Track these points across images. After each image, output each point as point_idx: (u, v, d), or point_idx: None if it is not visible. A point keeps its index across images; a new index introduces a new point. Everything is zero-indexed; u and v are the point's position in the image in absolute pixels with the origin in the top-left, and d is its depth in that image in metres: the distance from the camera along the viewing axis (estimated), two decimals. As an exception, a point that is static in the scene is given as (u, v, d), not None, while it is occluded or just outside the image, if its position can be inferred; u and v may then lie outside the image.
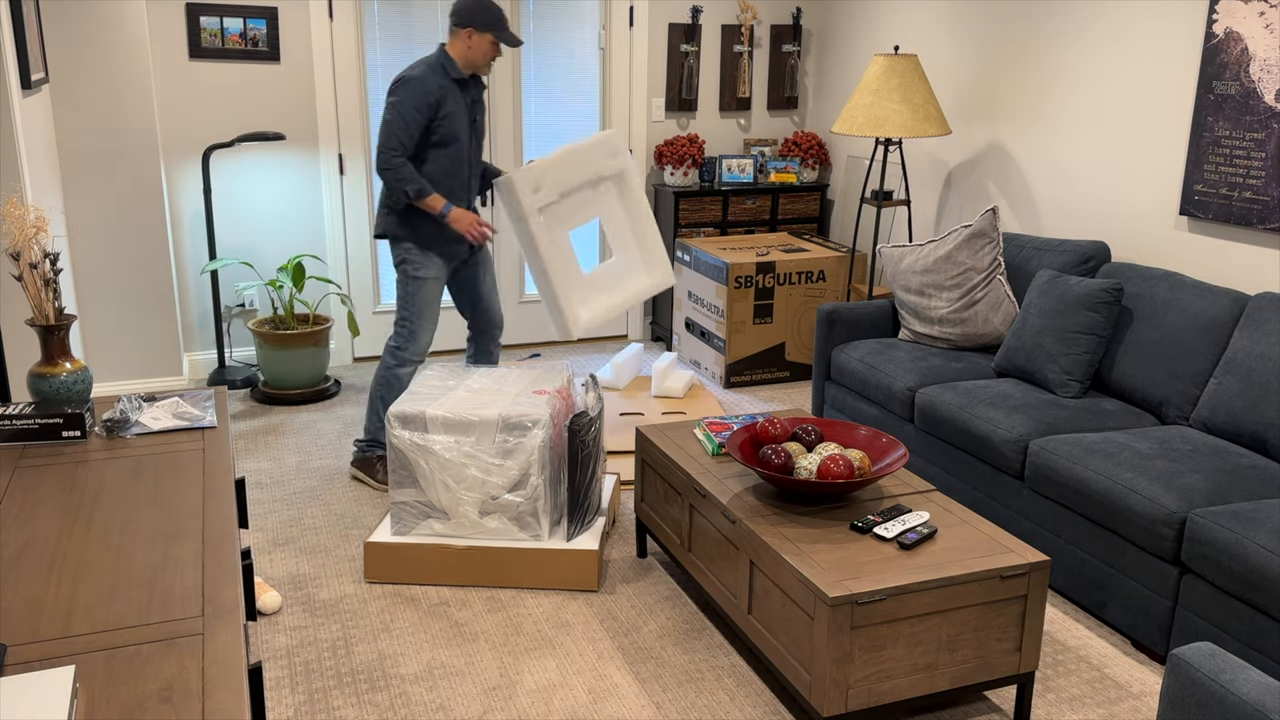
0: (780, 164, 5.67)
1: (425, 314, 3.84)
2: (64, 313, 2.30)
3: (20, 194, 3.49)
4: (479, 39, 3.69)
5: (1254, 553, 2.53)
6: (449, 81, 3.69)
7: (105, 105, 4.39)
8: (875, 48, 5.38)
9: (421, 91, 3.62)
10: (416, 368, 3.88)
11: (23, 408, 2.17)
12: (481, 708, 2.64)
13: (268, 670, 2.79)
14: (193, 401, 2.38)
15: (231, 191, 4.96)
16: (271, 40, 4.83)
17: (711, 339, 5.13)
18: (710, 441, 3.14)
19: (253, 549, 3.44)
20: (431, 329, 3.88)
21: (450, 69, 3.70)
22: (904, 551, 2.51)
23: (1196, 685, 1.69)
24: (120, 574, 1.61)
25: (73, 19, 4.27)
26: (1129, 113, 3.92)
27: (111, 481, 1.96)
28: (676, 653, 2.89)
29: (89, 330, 4.59)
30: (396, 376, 3.85)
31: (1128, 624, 2.94)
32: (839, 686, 2.36)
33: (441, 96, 3.66)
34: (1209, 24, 3.54)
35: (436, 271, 3.83)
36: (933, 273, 4.09)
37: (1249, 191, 3.45)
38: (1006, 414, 3.37)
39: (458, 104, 3.72)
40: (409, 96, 3.62)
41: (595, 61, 5.50)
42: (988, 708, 2.68)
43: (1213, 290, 3.38)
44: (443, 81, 3.67)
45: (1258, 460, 3.01)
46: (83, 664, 1.38)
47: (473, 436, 3.13)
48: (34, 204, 3.67)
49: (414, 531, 3.23)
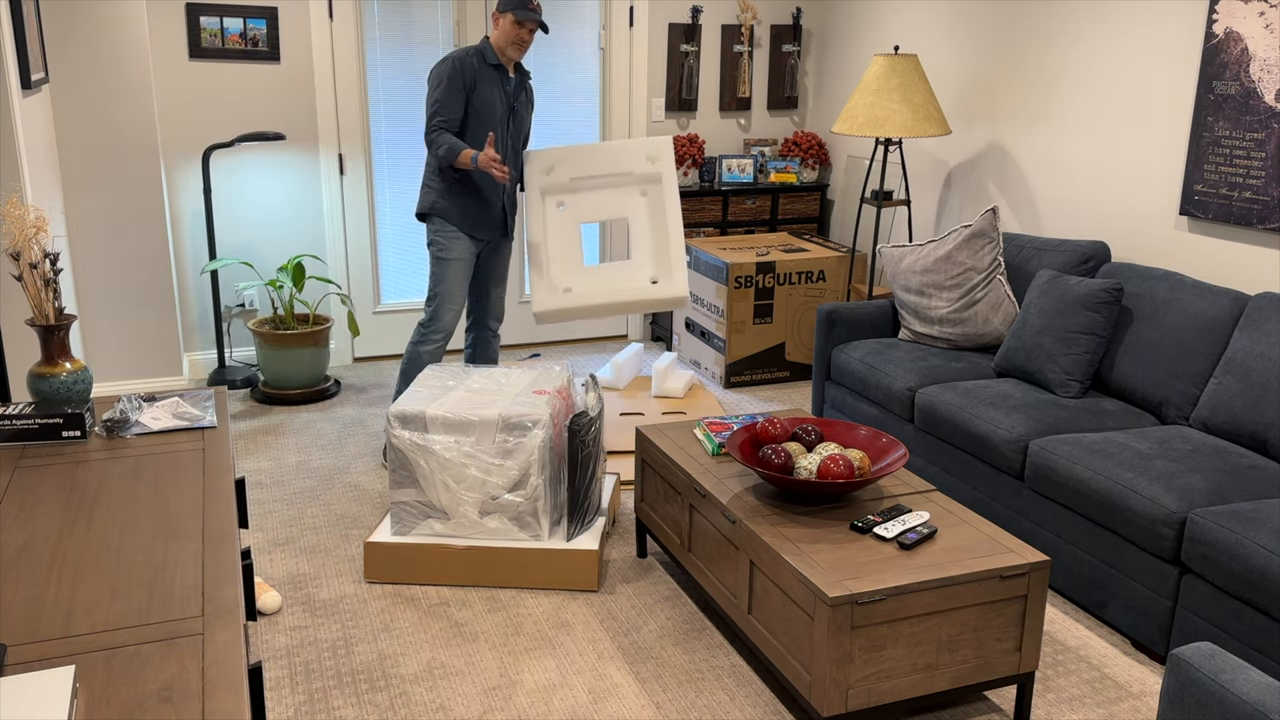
0: (780, 164, 5.67)
1: (449, 294, 3.95)
2: (64, 313, 2.30)
3: (20, 194, 3.49)
4: (503, 21, 3.79)
5: (1254, 553, 2.53)
6: (486, 66, 3.81)
7: (105, 105, 4.39)
8: (875, 48, 5.38)
9: (459, 68, 3.76)
10: (440, 346, 3.99)
11: (23, 408, 2.17)
12: (481, 708, 2.64)
13: (268, 670, 2.79)
14: (193, 401, 2.38)
15: (231, 191, 4.96)
16: (271, 40, 4.83)
17: (711, 339, 5.13)
18: (710, 441, 3.14)
19: (253, 549, 3.44)
20: (456, 309, 3.97)
21: (488, 54, 3.82)
22: (904, 551, 2.51)
23: (1196, 685, 1.69)
24: (120, 574, 1.61)
25: (73, 19, 4.27)
26: (1129, 113, 3.92)
27: (111, 481, 1.96)
28: (676, 653, 2.89)
29: (89, 330, 4.59)
30: (418, 354, 3.99)
31: (1128, 624, 2.94)
32: (839, 686, 2.36)
33: (476, 76, 3.78)
34: (1209, 24, 3.54)
35: (462, 253, 3.93)
36: (933, 273, 4.09)
37: (1249, 191, 3.45)
38: (1006, 414, 3.37)
39: (493, 89, 3.83)
40: (446, 70, 3.77)
41: (595, 61, 5.50)
42: (988, 708, 2.68)
43: (1213, 290, 3.38)
44: (479, 64, 3.79)
45: (1258, 460, 3.01)
46: (83, 664, 1.38)
47: (473, 436, 3.13)
48: (34, 204, 3.67)
49: (414, 531, 3.23)
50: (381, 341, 5.45)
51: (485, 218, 3.97)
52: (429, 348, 3.98)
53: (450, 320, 3.97)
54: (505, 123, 3.91)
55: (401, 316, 5.44)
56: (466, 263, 3.96)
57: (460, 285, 3.97)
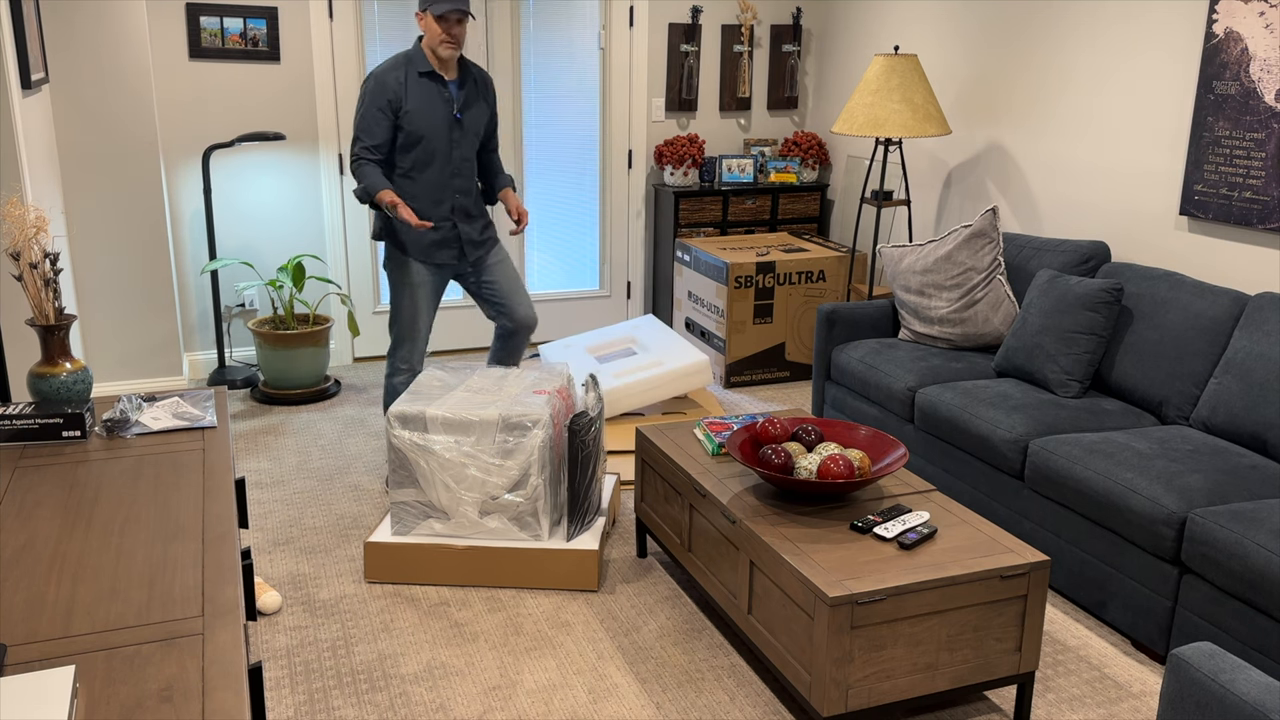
0: (780, 164, 5.67)
1: (408, 323, 3.70)
2: (64, 313, 2.30)
3: (20, 194, 3.49)
4: (425, 21, 3.46)
5: (1254, 553, 2.53)
6: (417, 77, 3.51)
7: (105, 105, 4.39)
8: (875, 48, 5.38)
9: (379, 90, 3.47)
10: (408, 379, 3.77)
11: (23, 408, 2.17)
12: (481, 708, 2.64)
13: (268, 670, 2.79)
14: (193, 401, 2.38)
15: (231, 191, 4.96)
16: (271, 40, 4.83)
17: (711, 339, 5.13)
18: (710, 441, 3.14)
19: (253, 549, 3.44)
20: (415, 339, 3.73)
21: (418, 62, 3.52)
22: (904, 551, 2.51)
23: (1196, 685, 1.69)
24: (120, 574, 1.61)
25: (73, 19, 4.27)
26: (1129, 113, 3.92)
27: (111, 481, 1.96)
28: (676, 653, 2.89)
29: (89, 330, 4.59)
30: (392, 386, 3.79)
31: (1128, 624, 2.94)
32: (839, 686, 2.36)
33: (401, 93, 3.47)
34: (1209, 24, 3.54)
35: (417, 279, 3.67)
36: (933, 273, 4.09)
37: (1249, 191, 3.45)
38: (1006, 414, 3.37)
39: (427, 100, 3.51)
40: (367, 90, 3.48)
41: (595, 61, 5.50)
42: (988, 708, 2.68)
43: (1213, 290, 3.38)
44: (405, 77, 3.49)
45: (1258, 460, 3.01)
46: (83, 664, 1.38)
47: (473, 436, 3.13)
48: (34, 204, 3.67)
49: (414, 531, 3.23)
50: (381, 341, 5.44)
51: (436, 243, 3.65)
52: (399, 379, 3.76)
53: (415, 350, 3.72)
54: (448, 134, 3.57)
55: (401, 316, 5.44)
56: (423, 289, 3.67)
57: (419, 314, 3.69)
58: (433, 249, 3.67)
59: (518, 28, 5.30)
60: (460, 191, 3.68)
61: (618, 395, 4.31)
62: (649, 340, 4.70)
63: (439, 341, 5.56)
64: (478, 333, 5.61)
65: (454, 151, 3.62)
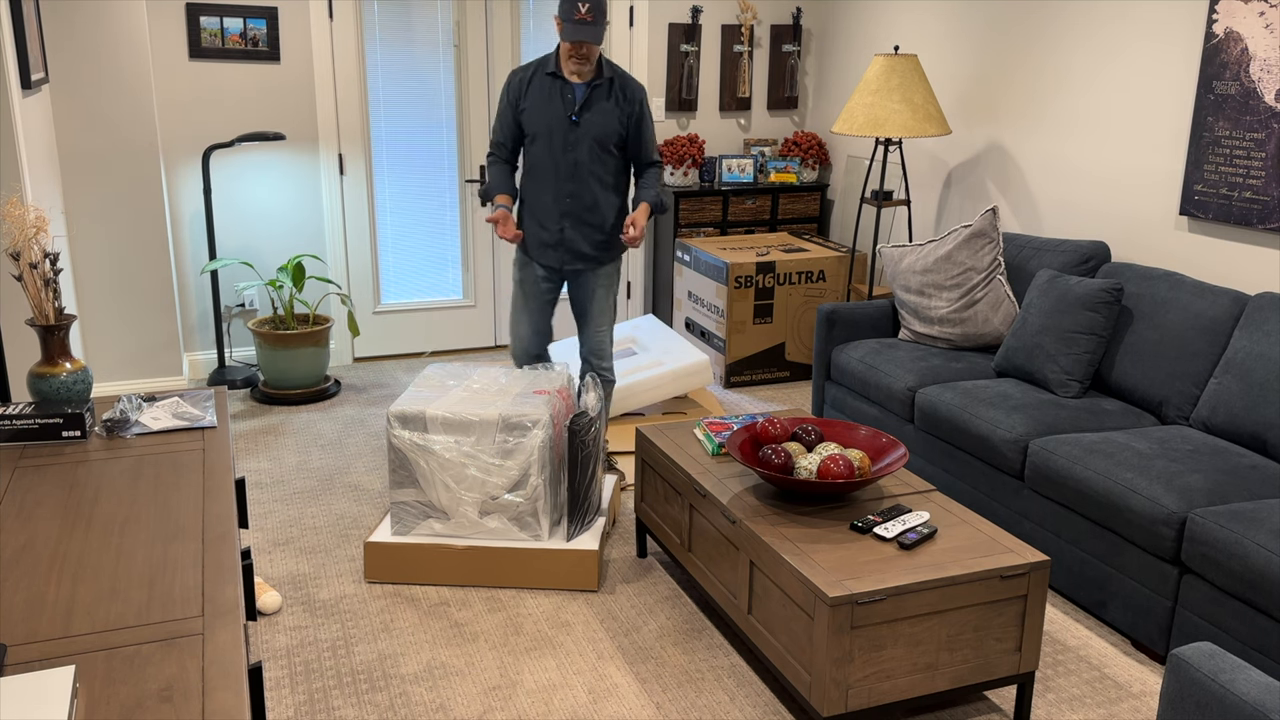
0: (780, 164, 5.67)
1: (511, 317, 3.80)
2: (64, 313, 2.30)
3: (20, 194, 3.49)
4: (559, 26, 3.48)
5: (1254, 553, 2.53)
6: (544, 75, 3.54)
7: (105, 105, 4.39)
8: (875, 48, 5.38)
9: (506, 87, 3.62)
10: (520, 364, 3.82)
11: (23, 408, 2.17)
12: (481, 708, 2.64)
13: (268, 670, 2.79)
14: (193, 401, 2.38)
15: (231, 191, 4.96)
16: (271, 40, 4.83)
17: (711, 339, 5.13)
18: (710, 441, 3.14)
19: (253, 549, 3.44)
20: (514, 335, 3.79)
21: (549, 62, 3.56)
22: (904, 551, 2.51)
23: (1196, 685, 1.69)
24: (120, 574, 1.61)
25: (73, 19, 4.27)
26: (1129, 113, 3.92)
27: (111, 481, 1.96)
28: (676, 653, 2.89)
29: (89, 330, 4.59)
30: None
31: (1128, 624, 2.94)
32: (839, 686, 2.36)
33: (522, 90, 3.56)
34: (1209, 24, 3.54)
35: (524, 274, 3.73)
36: (933, 273, 4.09)
37: (1249, 191, 3.45)
38: (1006, 414, 3.37)
39: (545, 99, 3.53)
40: (503, 91, 3.63)
41: (595, 61, 5.50)
42: (988, 708, 2.68)
43: (1213, 290, 3.38)
44: (531, 75, 3.56)
45: (1258, 460, 3.01)
46: (83, 664, 1.38)
47: (473, 436, 3.13)
48: (34, 204, 3.67)
49: (414, 531, 3.23)
50: (381, 341, 5.44)
51: (544, 244, 3.66)
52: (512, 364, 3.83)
53: (516, 346, 3.80)
54: (560, 135, 3.52)
55: (401, 317, 5.44)
56: (527, 286, 3.72)
57: (522, 311, 3.75)
58: (541, 249, 3.68)
59: (518, 28, 5.30)
60: (571, 196, 3.59)
61: (618, 395, 4.31)
62: (649, 340, 4.71)
63: (443, 340, 5.56)
64: (478, 333, 5.61)
65: (568, 154, 3.55)
